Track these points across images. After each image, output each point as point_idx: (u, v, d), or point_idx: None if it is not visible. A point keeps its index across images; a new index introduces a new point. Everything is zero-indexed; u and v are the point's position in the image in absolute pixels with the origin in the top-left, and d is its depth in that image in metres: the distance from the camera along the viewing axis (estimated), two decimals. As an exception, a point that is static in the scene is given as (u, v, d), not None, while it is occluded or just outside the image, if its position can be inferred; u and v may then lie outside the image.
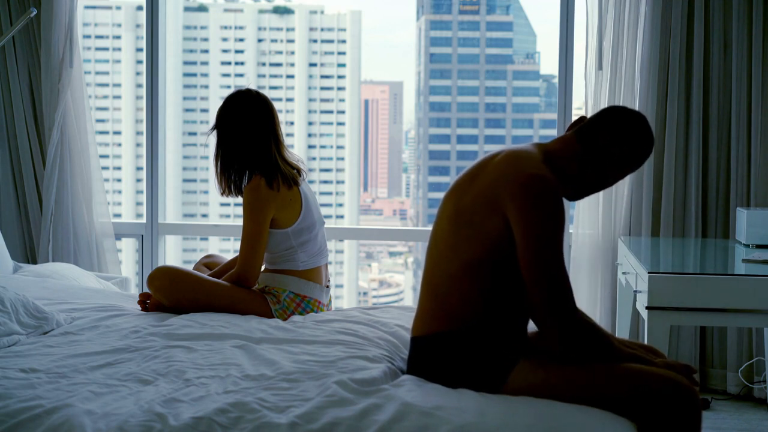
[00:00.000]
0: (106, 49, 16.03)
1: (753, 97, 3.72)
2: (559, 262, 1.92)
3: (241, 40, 17.67)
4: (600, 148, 2.04)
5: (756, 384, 3.73)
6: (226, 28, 17.78)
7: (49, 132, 4.07)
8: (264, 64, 17.75)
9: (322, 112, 17.98)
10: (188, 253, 14.78)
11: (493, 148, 2.17)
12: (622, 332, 3.63)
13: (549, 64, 21.99)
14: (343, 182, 18.04)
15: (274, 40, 17.90)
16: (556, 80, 4.21)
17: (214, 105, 14.78)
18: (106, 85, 16.09)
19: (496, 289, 2.00)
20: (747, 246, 3.30)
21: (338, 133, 17.96)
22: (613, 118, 2.06)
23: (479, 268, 1.99)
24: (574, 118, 4.04)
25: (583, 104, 3.95)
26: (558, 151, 2.07)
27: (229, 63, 17.59)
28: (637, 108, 3.79)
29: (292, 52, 17.93)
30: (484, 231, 1.97)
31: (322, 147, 17.99)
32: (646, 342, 2.69)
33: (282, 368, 2.12)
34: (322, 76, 17.99)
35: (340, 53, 18.24)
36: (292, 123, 17.47)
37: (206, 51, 17.54)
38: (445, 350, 2.02)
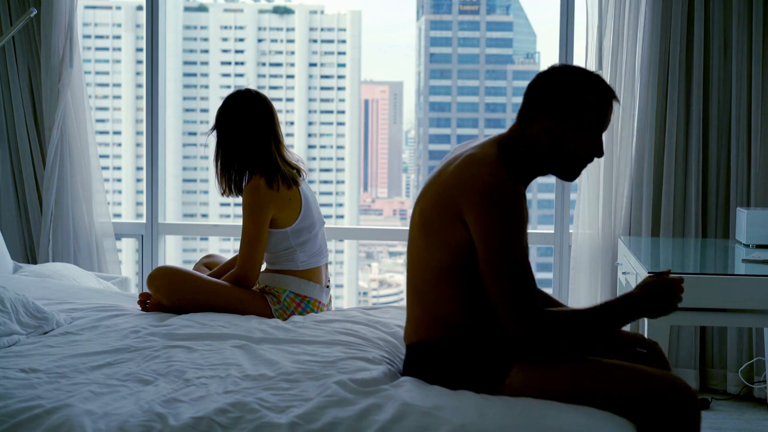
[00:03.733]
0: (106, 49, 16.04)
1: (753, 97, 3.72)
2: (516, 270, 1.88)
3: (241, 40, 17.67)
4: (572, 108, 1.95)
5: (756, 384, 3.73)
6: (226, 28, 17.79)
7: (49, 132, 4.07)
8: (264, 64, 17.76)
9: (322, 112, 17.99)
10: (188, 253, 14.79)
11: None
12: (622, 332, 3.63)
13: (549, 64, 21.94)
14: (343, 182, 18.05)
15: (274, 40, 17.90)
16: (556, 80, 4.19)
17: (214, 105, 14.79)
18: (106, 85, 16.10)
19: (478, 291, 1.99)
20: (747, 246, 3.30)
21: (338, 133, 17.97)
22: (559, 80, 1.98)
23: (456, 273, 1.98)
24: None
25: (583, 104, 3.94)
26: (515, 138, 2.02)
27: (229, 63, 17.60)
28: (636, 108, 3.79)
29: (292, 52, 17.94)
30: (450, 238, 1.96)
31: (322, 147, 18.00)
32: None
33: (282, 368, 2.12)
34: (322, 76, 18.00)
35: (340, 53, 18.25)
36: (292, 123, 17.48)
37: (206, 51, 17.55)
38: (440, 357, 2.01)
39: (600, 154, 2.02)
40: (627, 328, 3.63)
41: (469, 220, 1.92)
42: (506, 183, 1.90)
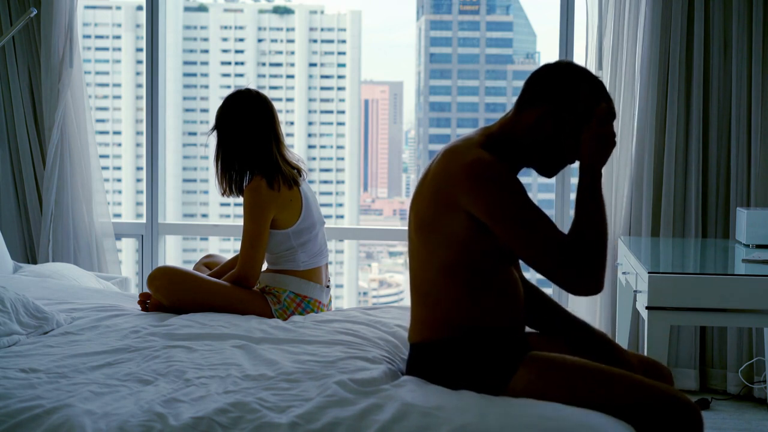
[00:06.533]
0: (106, 49, 16.04)
1: (753, 97, 3.72)
2: (539, 226, 1.88)
3: (241, 40, 17.67)
4: (570, 101, 1.96)
5: (756, 384, 3.73)
6: (226, 28, 17.79)
7: (49, 132, 4.07)
8: (264, 64, 17.75)
9: (322, 112, 17.98)
10: (188, 253, 14.79)
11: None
12: (622, 332, 3.63)
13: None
14: (343, 182, 18.04)
15: (274, 40, 17.90)
16: (556, 80, 4.19)
17: (214, 105, 14.80)
18: (106, 85, 16.09)
19: (481, 289, 1.99)
20: (747, 246, 3.30)
21: (338, 133, 17.96)
22: (564, 73, 1.99)
23: (458, 270, 1.98)
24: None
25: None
26: (506, 126, 2.02)
27: (229, 63, 17.59)
28: (637, 108, 3.79)
29: (292, 52, 17.94)
30: (451, 233, 1.96)
31: (322, 147, 17.99)
32: (646, 341, 2.69)
33: (282, 368, 2.12)
34: (322, 76, 17.99)
35: (340, 53, 18.24)
36: (292, 123, 17.47)
37: (206, 51, 17.55)
38: (444, 358, 2.01)
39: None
40: (627, 326, 3.63)
41: (468, 204, 1.91)
42: (487, 159, 1.91)
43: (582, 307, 3.87)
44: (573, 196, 3.99)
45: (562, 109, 1.97)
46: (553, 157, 2.02)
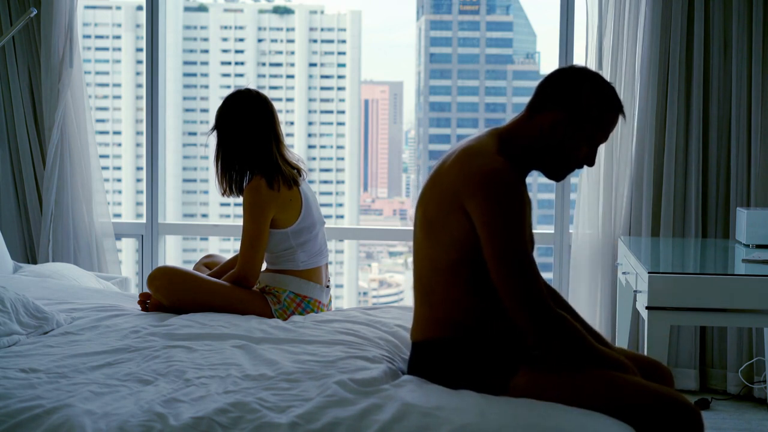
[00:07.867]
0: (106, 49, 16.05)
1: (753, 97, 3.72)
2: (522, 253, 1.89)
3: (241, 40, 17.68)
4: (585, 107, 1.96)
5: (756, 384, 3.73)
6: (226, 28, 17.80)
7: (49, 132, 4.07)
8: (264, 64, 17.76)
9: (322, 112, 17.99)
10: (188, 253, 14.80)
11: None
12: (622, 332, 3.64)
13: (549, 64, 21.98)
14: (343, 182, 18.06)
15: (274, 40, 17.91)
16: (556, 80, 4.18)
17: (214, 105, 14.79)
18: (106, 85, 16.10)
19: (484, 289, 1.99)
20: (747, 246, 3.30)
21: (338, 133, 17.97)
22: (579, 78, 1.99)
23: (463, 270, 1.98)
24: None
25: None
26: (516, 129, 2.02)
27: (229, 63, 17.60)
28: (636, 108, 3.79)
29: (292, 52, 17.95)
30: (456, 234, 1.96)
31: (322, 147, 18.00)
32: (646, 341, 2.69)
33: (282, 368, 2.12)
34: (322, 76, 18.00)
35: (340, 53, 18.25)
36: (292, 123, 17.48)
37: (206, 51, 17.56)
38: (446, 356, 2.01)
39: (591, 163, 2.04)
40: (627, 326, 3.63)
41: (470, 209, 1.92)
42: (505, 171, 1.91)
43: (582, 308, 3.87)
44: (573, 195, 3.99)
45: (573, 114, 1.97)
46: (563, 161, 2.02)
